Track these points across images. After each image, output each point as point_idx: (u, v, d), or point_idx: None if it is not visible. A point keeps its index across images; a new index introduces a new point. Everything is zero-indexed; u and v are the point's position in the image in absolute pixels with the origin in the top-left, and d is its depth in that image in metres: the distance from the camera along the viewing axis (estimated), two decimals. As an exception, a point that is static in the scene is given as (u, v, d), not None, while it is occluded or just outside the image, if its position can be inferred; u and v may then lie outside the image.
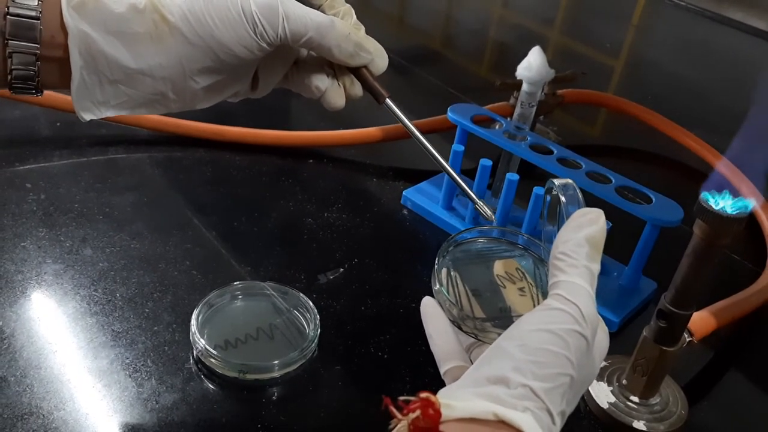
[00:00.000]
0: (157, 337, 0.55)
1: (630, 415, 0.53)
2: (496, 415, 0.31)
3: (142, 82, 0.43)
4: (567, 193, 0.44)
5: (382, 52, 0.47)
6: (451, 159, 0.71)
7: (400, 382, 0.55)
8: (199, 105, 0.46)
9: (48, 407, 0.48)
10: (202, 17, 0.42)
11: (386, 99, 0.48)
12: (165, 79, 0.43)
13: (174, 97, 0.44)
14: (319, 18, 0.44)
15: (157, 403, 0.50)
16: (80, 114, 0.44)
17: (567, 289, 0.35)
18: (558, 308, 0.34)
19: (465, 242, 0.45)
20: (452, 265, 0.43)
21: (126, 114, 0.45)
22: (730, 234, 0.45)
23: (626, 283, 0.65)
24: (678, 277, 0.48)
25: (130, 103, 0.44)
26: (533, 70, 0.66)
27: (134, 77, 0.43)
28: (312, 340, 0.55)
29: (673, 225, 0.61)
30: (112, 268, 0.61)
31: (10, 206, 0.67)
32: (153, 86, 0.43)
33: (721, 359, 0.62)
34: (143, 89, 0.43)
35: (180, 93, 0.44)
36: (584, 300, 0.34)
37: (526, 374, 0.32)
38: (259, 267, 0.64)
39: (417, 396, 0.31)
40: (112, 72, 0.42)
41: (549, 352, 0.32)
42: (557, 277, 0.36)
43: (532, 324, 0.34)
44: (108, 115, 0.44)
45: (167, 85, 0.44)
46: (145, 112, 0.46)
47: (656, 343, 0.51)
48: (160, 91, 0.44)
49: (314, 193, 0.76)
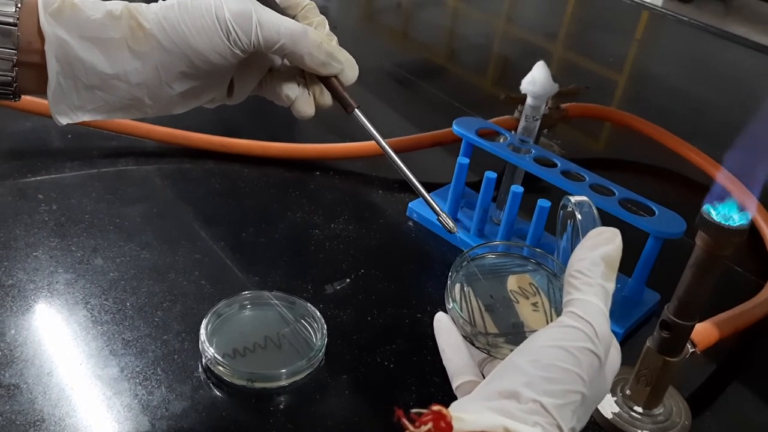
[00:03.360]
0: (166, 345, 0.56)
1: (634, 425, 0.53)
2: (506, 429, 0.31)
3: (118, 88, 0.44)
4: (583, 211, 0.44)
5: (353, 63, 0.48)
6: (456, 171, 0.72)
7: (406, 392, 0.55)
8: (175, 110, 0.47)
9: (59, 414, 0.49)
10: (176, 24, 0.43)
11: (354, 109, 0.48)
12: (141, 84, 0.44)
13: (150, 103, 0.46)
14: (293, 26, 0.45)
15: (167, 411, 0.51)
16: (56, 118, 0.45)
17: (581, 307, 0.35)
18: (572, 326, 0.34)
19: (478, 257, 0.46)
20: (465, 281, 0.44)
21: (102, 118, 0.46)
22: (732, 245, 0.46)
23: (630, 294, 0.66)
24: (681, 288, 0.49)
25: (106, 107, 0.45)
26: (537, 85, 0.67)
27: (110, 83, 0.44)
28: (319, 349, 0.56)
29: (675, 237, 0.62)
30: (123, 278, 0.62)
31: (23, 217, 0.68)
32: (129, 91, 0.45)
33: (724, 370, 0.63)
34: (119, 94, 0.44)
35: (156, 98, 0.45)
36: (598, 318, 0.35)
37: (537, 390, 0.32)
38: (266, 277, 0.65)
39: (429, 408, 0.31)
40: (89, 77, 0.43)
41: (561, 368, 0.33)
42: (572, 294, 0.36)
43: (545, 340, 0.34)
44: (85, 119, 0.45)
45: (143, 90, 0.45)
46: (122, 117, 0.47)
47: (659, 354, 0.51)
48: (136, 97, 0.45)
49: (321, 205, 0.77)
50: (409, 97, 1.09)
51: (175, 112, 0.48)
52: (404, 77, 0.50)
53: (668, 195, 0.86)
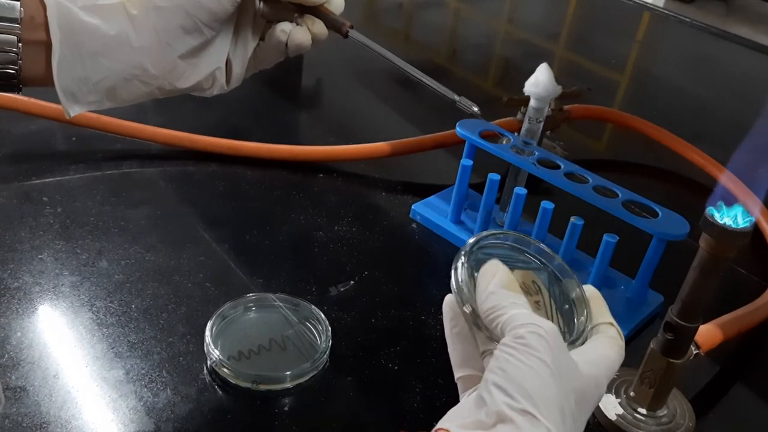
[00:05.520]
0: (171, 348, 0.56)
1: (638, 427, 0.54)
2: None
3: (121, 53, 0.45)
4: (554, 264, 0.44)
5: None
6: (460, 173, 0.72)
7: (410, 393, 0.56)
8: (180, 82, 0.48)
9: (65, 416, 0.49)
10: None
11: (349, 30, 0.50)
12: (142, 48, 0.45)
13: (154, 72, 0.46)
14: None
15: (172, 413, 0.51)
16: (63, 100, 0.45)
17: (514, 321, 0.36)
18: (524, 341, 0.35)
19: (488, 246, 0.45)
20: (476, 266, 0.43)
21: (111, 104, 0.47)
22: (736, 247, 0.46)
23: (633, 296, 0.66)
24: (684, 290, 0.49)
25: (112, 78, 0.45)
26: (540, 87, 0.67)
27: (113, 47, 0.45)
28: (324, 351, 0.56)
29: (679, 239, 0.62)
30: (128, 280, 0.63)
31: (28, 219, 0.68)
32: (131, 57, 0.45)
33: (728, 372, 0.63)
34: (123, 60, 0.45)
35: (159, 65, 0.46)
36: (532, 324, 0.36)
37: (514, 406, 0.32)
38: (270, 279, 0.65)
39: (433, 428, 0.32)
40: (91, 42, 0.44)
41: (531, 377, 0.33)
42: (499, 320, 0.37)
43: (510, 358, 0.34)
44: (92, 100, 0.46)
45: (145, 55, 0.46)
46: (128, 95, 0.47)
47: (663, 355, 0.51)
48: (139, 63, 0.46)
49: (325, 207, 0.77)
50: (411, 99, 1.09)
51: (180, 86, 0.48)
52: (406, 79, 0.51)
53: (671, 196, 0.86)
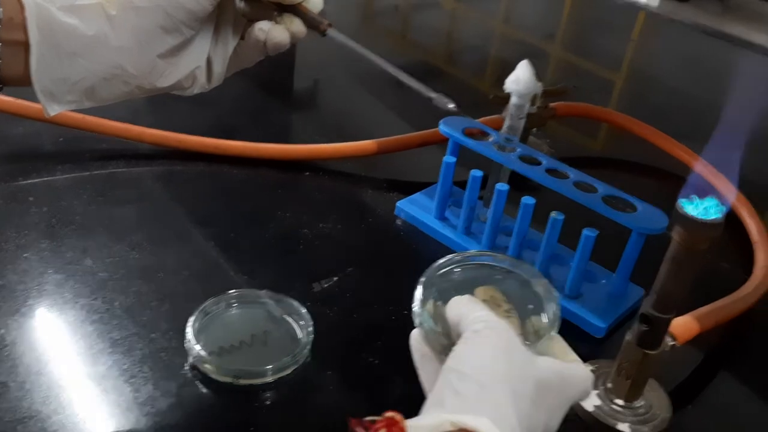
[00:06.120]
0: (154, 344, 0.57)
1: (615, 418, 0.54)
2: (453, 424, 0.32)
3: (99, 54, 0.45)
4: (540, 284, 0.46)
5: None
6: (443, 170, 0.72)
7: (391, 386, 0.56)
8: (160, 81, 0.48)
9: (47, 411, 0.50)
10: None
11: (327, 28, 0.50)
12: (121, 48, 0.45)
13: (133, 72, 0.46)
14: None
15: (153, 407, 0.51)
16: (42, 101, 0.45)
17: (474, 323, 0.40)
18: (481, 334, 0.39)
19: (444, 272, 0.47)
20: (438, 296, 0.45)
21: (90, 103, 0.47)
22: (708, 239, 0.47)
23: (614, 290, 0.66)
24: (658, 282, 0.50)
25: (91, 78, 0.45)
26: (521, 84, 0.68)
27: (91, 47, 0.45)
28: (305, 345, 0.56)
29: (657, 233, 0.62)
30: (112, 278, 0.63)
31: (14, 219, 0.69)
32: (110, 57, 0.45)
33: (708, 364, 0.63)
34: (101, 61, 0.45)
35: (138, 65, 0.46)
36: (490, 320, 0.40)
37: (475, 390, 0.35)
38: (255, 276, 0.66)
39: (382, 415, 0.32)
40: (69, 42, 0.44)
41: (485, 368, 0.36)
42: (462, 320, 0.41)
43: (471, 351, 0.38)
44: (71, 99, 0.46)
45: (124, 56, 0.46)
46: (108, 95, 0.47)
47: (639, 347, 0.52)
48: (118, 63, 0.46)
49: (311, 205, 0.78)
50: (408, 100, 1.09)
51: (160, 86, 0.48)
52: None
53: (657, 192, 0.86)
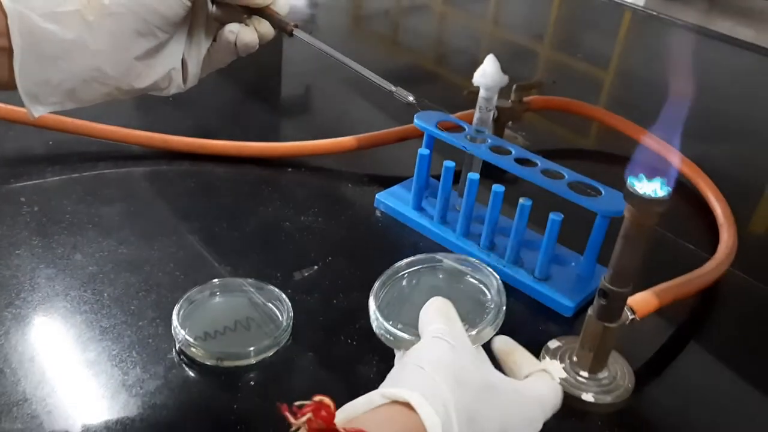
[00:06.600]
0: (141, 331, 0.60)
1: (579, 389, 0.57)
2: (383, 395, 0.34)
3: (79, 56, 0.47)
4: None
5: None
6: (418, 162, 0.76)
7: (367, 366, 0.59)
8: (138, 82, 0.50)
9: (41, 394, 0.53)
10: None
11: (293, 29, 0.53)
12: (99, 51, 0.47)
13: (112, 74, 0.49)
14: None
15: (141, 389, 0.54)
16: (27, 102, 0.48)
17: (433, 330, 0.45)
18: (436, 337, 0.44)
19: (388, 284, 0.54)
20: (387, 311, 0.51)
21: (72, 105, 0.49)
22: (655, 215, 0.50)
23: (581, 271, 0.70)
24: (614, 258, 0.53)
25: (71, 81, 0.48)
26: (488, 77, 0.71)
27: (71, 51, 0.47)
28: (285, 328, 0.59)
29: (620, 215, 0.65)
30: (101, 271, 0.66)
31: (6, 219, 0.72)
32: (88, 60, 0.48)
33: (673, 340, 0.66)
34: (80, 63, 0.47)
35: (116, 67, 0.49)
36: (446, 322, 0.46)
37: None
38: (238, 267, 0.69)
39: (311, 400, 0.34)
40: (50, 47, 0.46)
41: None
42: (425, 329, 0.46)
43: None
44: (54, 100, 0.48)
45: (102, 58, 0.48)
46: (88, 95, 0.49)
47: (599, 320, 0.55)
48: (97, 66, 0.48)
49: (292, 200, 0.81)
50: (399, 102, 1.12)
51: (138, 86, 0.51)
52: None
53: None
